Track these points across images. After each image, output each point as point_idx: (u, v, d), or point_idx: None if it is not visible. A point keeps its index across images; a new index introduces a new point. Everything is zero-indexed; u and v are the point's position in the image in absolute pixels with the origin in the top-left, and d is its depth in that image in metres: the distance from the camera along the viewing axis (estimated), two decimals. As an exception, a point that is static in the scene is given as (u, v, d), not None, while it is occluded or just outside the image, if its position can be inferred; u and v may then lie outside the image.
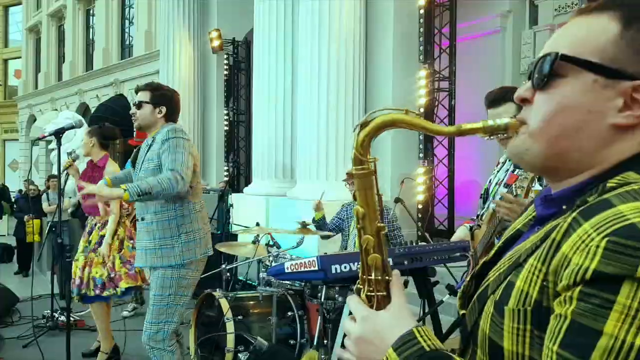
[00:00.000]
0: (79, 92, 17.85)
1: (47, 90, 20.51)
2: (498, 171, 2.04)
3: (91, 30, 18.15)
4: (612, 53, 0.64)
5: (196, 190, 2.74)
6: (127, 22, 16.35)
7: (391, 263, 1.95)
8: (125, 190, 2.43)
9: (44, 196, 8.18)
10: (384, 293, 0.74)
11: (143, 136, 4.48)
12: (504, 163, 2.05)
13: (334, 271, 1.66)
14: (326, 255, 1.69)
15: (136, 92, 2.81)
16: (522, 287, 0.63)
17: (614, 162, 0.65)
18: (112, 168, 3.82)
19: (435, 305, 1.69)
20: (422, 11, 5.58)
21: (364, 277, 0.75)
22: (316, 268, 1.65)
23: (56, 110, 19.27)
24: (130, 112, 2.75)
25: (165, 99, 2.73)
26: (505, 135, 0.73)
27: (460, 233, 2.00)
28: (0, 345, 3.67)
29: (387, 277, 0.74)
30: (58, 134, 2.80)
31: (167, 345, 2.69)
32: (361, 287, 0.76)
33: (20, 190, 15.78)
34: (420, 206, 5.48)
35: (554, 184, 0.72)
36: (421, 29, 5.60)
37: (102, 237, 3.87)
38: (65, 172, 3.85)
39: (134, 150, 2.91)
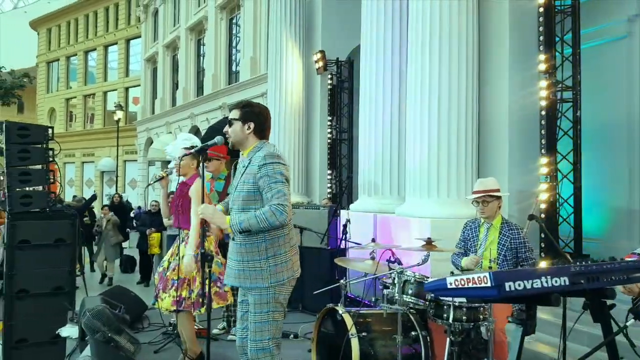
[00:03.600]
0: (190, 115, 19.19)
1: (162, 114, 22.31)
2: None
3: (202, 58, 19.53)
4: None
5: None
6: (233, 50, 17.40)
7: (567, 283, 1.84)
8: (229, 223, 2.59)
9: (164, 211, 8.81)
10: None
11: (218, 150, 4.65)
12: None
13: (507, 288, 1.55)
14: (499, 271, 1.60)
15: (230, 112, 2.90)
16: None
17: None
18: (195, 186, 3.89)
19: (617, 332, 1.52)
20: (541, 19, 5.28)
21: None
22: (488, 285, 1.56)
23: (170, 133, 20.87)
24: (224, 130, 2.83)
25: (252, 114, 2.76)
26: None
27: None
28: (138, 349, 3.95)
29: None
30: (203, 150, 2.98)
31: None
32: None
33: (139, 207, 17.22)
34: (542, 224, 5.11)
35: None
36: (541, 37, 5.29)
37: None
38: (157, 181, 4.18)
39: (232, 168, 3.00)
